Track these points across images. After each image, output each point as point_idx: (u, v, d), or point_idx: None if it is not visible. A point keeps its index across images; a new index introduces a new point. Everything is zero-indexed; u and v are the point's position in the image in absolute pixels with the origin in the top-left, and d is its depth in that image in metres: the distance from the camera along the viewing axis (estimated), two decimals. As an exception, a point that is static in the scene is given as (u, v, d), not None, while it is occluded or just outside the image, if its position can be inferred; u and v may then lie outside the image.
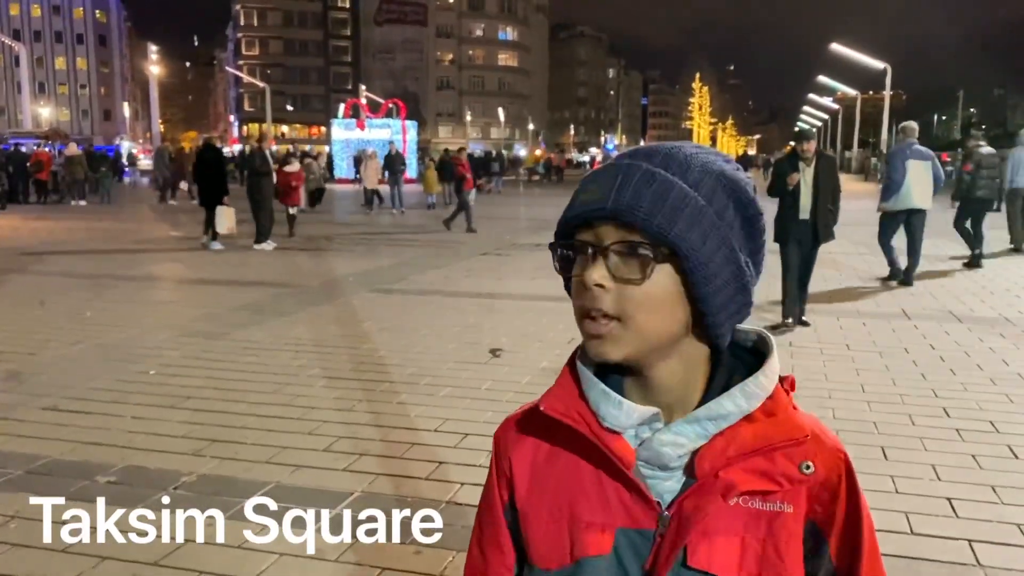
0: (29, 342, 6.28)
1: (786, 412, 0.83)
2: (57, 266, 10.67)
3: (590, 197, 0.81)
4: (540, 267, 10.81)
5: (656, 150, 0.84)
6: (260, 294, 8.64)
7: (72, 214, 19.82)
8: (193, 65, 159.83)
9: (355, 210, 21.44)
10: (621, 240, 0.79)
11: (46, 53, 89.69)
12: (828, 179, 6.72)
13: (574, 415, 0.85)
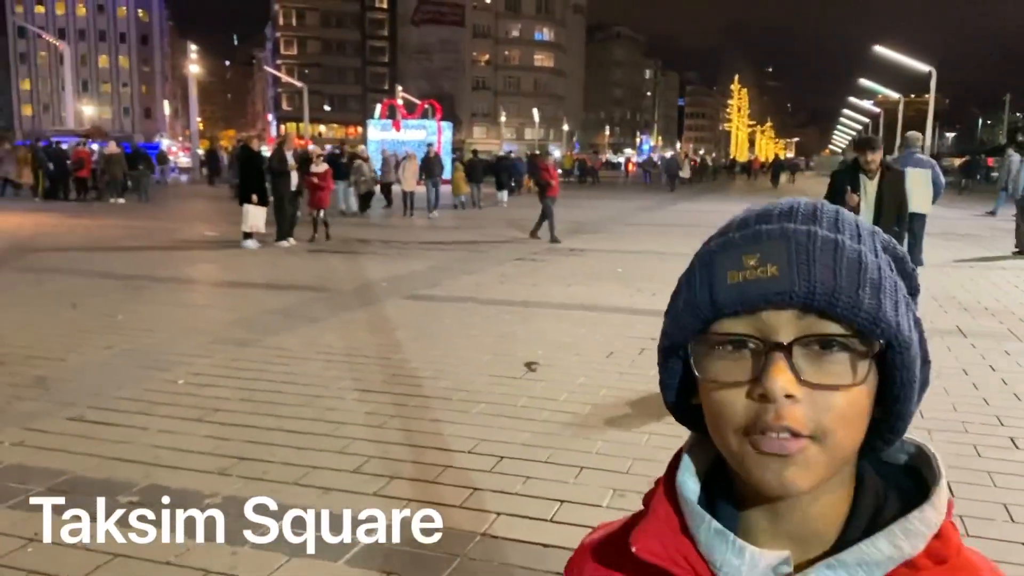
0: (59, 346, 6.21)
1: (960, 557, 0.63)
2: (92, 265, 10.67)
3: (755, 275, 0.61)
4: (575, 273, 10.61)
5: (796, 207, 0.65)
6: (293, 298, 8.54)
7: (110, 212, 19.99)
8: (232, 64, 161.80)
9: (388, 212, 21.37)
10: (816, 334, 0.60)
11: (90, 52, 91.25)
12: (894, 196, 5.91)
13: (680, 561, 0.65)
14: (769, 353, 0.60)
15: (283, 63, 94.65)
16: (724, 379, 0.62)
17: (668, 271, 10.92)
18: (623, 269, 11.04)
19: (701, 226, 15.49)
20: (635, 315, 7.79)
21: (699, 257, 0.67)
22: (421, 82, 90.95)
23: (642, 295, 8.91)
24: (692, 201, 27.45)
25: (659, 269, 10.99)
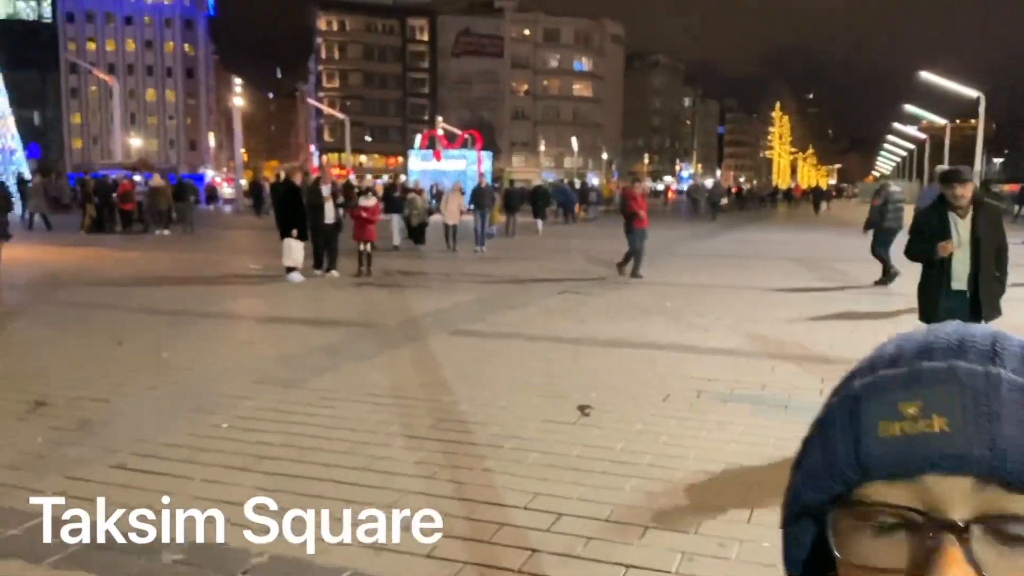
0: (104, 386, 6.14)
1: None
2: (138, 300, 10.70)
3: (916, 429, 0.45)
4: (622, 307, 10.37)
5: (968, 340, 0.49)
6: (337, 334, 8.42)
7: (156, 244, 20.25)
8: (276, 96, 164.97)
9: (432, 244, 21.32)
10: (1004, 514, 0.44)
11: (138, 86, 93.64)
12: (992, 236, 5.03)
13: None
14: (937, 535, 0.45)
15: (325, 95, 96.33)
16: (874, 564, 0.47)
17: (717, 304, 10.70)
18: (671, 303, 10.78)
19: (747, 257, 15.21)
20: (688, 353, 7.52)
21: (839, 400, 0.51)
22: (461, 112, 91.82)
23: (694, 331, 8.64)
24: (735, 230, 27.06)
25: (708, 302, 10.71)
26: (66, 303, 10.49)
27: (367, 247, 13.92)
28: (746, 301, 10.97)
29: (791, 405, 5.71)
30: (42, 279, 13.07)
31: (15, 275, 13.64)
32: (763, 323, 9.23)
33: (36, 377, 6.41)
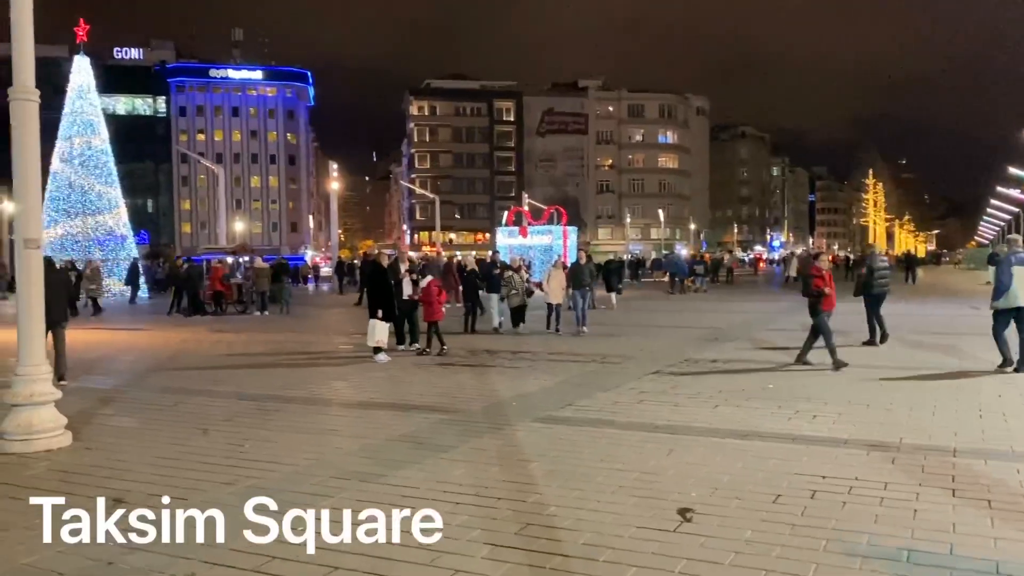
0: (183, 483, 5.98)
1: None
2: (229, 384, 10.73)
3: None
4: (720, 390, 9.77)
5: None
6: (420, 421, 8.14)
7: (253, 325, 20.67)
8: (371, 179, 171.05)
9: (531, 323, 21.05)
10: None
11: (243, 173, 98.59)
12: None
13: None
14: None
15: (417, 176, 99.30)
16: None
17: (823, 385, 9.97)
18: (773, 384, 10.12)
19: (851, 333, 14.30)
20: (798, 444, 6.91)
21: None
22: (546, 188, 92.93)
23: (801, 418, 7.99)
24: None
25: (814, 385, 10.00)
26: (159, 388, 10.61)
27: (433, 327, 13.83)
28: (854, 381, 10.20)
29: (920, 508, 5.07)
30: (140, 362, 13.37)
31: (116, 358, 14.03)
32: (876, 408, 8.49)
33: (119, 471, 6.33)
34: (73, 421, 7.73)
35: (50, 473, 6.27)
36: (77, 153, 33.82)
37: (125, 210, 35.69)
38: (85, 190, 33.72)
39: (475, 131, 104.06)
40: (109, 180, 34.53)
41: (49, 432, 7.00)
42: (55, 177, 33.82)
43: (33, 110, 6.99)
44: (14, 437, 6.84)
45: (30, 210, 6.98)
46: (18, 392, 6.94)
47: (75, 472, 6.28)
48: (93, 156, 34.09)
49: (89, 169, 33.92)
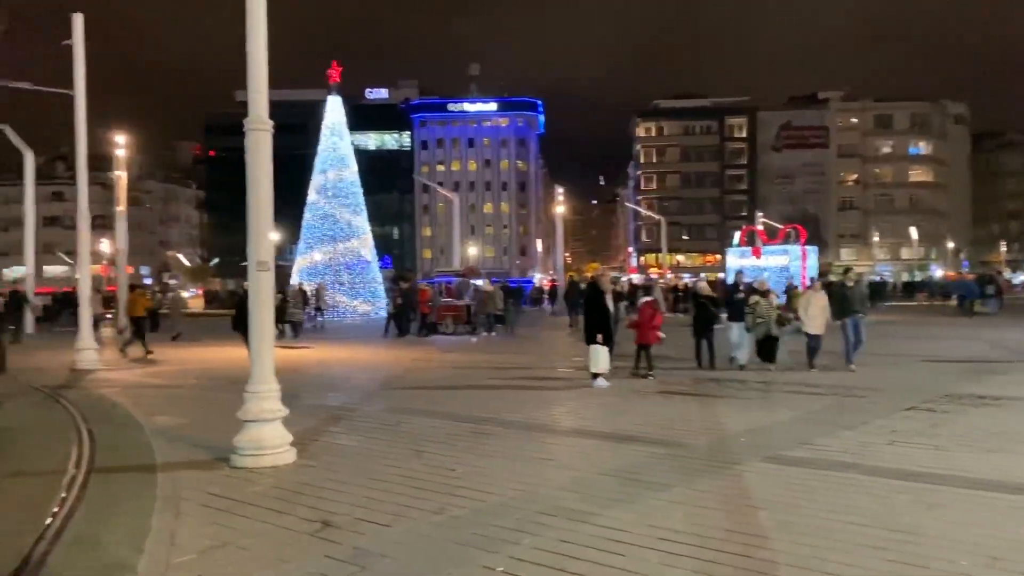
0: (391, 507, 5.88)
1: None
2: (448, 406, 10.81)
3: None
4: (992, 433, 8.33)
5: None
6: (636, 455, 7.59)
7: (479, 347, 21.12)
8: (598, 202, 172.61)
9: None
10: None
11: (477, 200, 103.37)
12: None
13: None
14: None
15: (643, 198, 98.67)
16: None
17: None
18: (1062, 430, 8.47)
19: None
20: (1101, 508, 5.57)
21: None
22: (782, 207, 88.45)
23: (1104, 474, 6.51)
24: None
25: (1120, 432, 8.23)
26: (384, 407, 10.90)
27: (644, 350, 13.12)
28: None
29: None
30: (372, 381, 13.94)
31: (351, 376, 14.77)
32: None
33: (334, 491, 6.38)
34: (301, 438, 8.03)
35: (271, 490, 6.45)
36: (330, 185, 36.92)
37: (371, 237, 38.38)
38: (336, 219, 36.68)
39: (704, 150, 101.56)
40: (357, 210, 37.35)
41: (276, 448, 7.27)
42: (311, 207, 37.16)
43: (266, 139, 7.37)
44: (245, 452, 7.16)
45: (261, 234, 7.34)
46: (249, 409, 7.28)
47: (293, 491, 6.41)
48: (344, 188, 37.05)
49: (340, 200, 36.88)
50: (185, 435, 8.81)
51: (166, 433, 8.98)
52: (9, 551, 4.94)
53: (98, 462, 7.59)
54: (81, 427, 9.39)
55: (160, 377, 14.84)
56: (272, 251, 7.59)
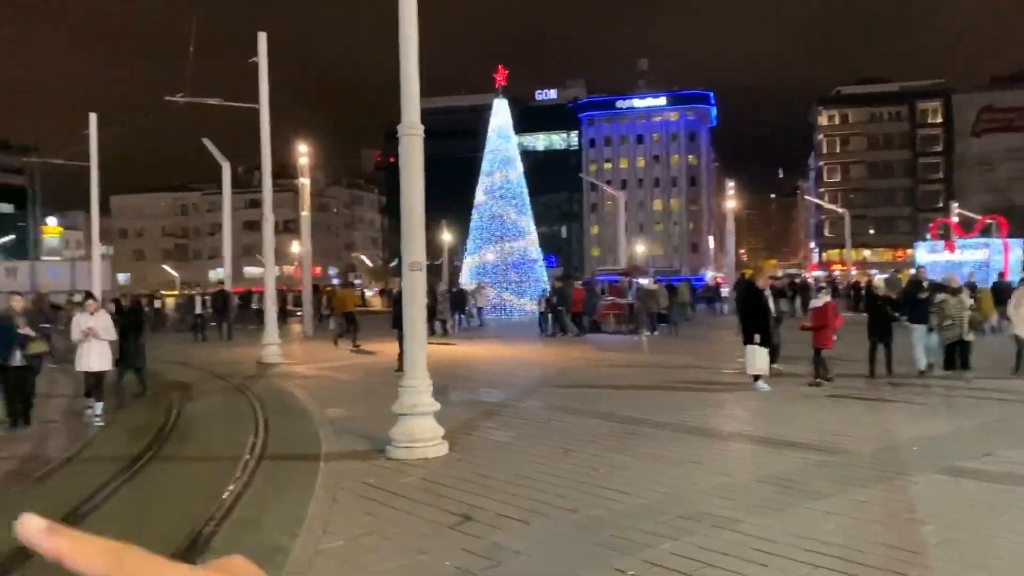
0: (531, 504, 5.93)
1: None
2: (602, 405, 10.73)
3: None
4: None
5: None
6: (792, 461, 7.21)
7: (639, 346, 20.84)
8: (777, 196, 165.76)
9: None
10: None
11: (645, 197, 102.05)
12: None
13: None
14: None
15: (825, 190, 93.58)
16: None
17: None
18: None
19: None
20: None
21: None
22: (983, 196, 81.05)
23: None
24: None
25: None
26: (538, 404, 11.00)
27: (819, 354, 12.30)
28: None
29: None
30: (529, 378, 14.12)
31: (512, 372, 15.03)
32: None
33: (479, 486, 6.51)
34: (454, 432, 8.26)
35: (420, 482, 6.68)
36: (497, 186, 37.77)
37: (536, 236, 38.88)
38: (503, 219, 37.46)
39: (893, 137, 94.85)
40: (523, 209, 37.96)
41: (428, 441, 7.52)
42: (479, 209, 38.18)
43: (417, 143, 7.64)
44: (399, 444, 7.46)
45: (413, 235, 7.62)
46: (403, 403, 7.57)
47: (441, 483, 6.60)
48: (510, 188, 37.78)
49: (507, 200, 37.64)
50: (350, 426, 9.30)
51: (333, 424, 9.52)
52: (183, 529, 5.42)
53: (270, 450, 8.17)
54: (259, 417, 10.14)
55: (335, 371, 15.75)
56: (424, 252, 7.85)
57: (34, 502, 6.62)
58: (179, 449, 8.57)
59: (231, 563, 0.39)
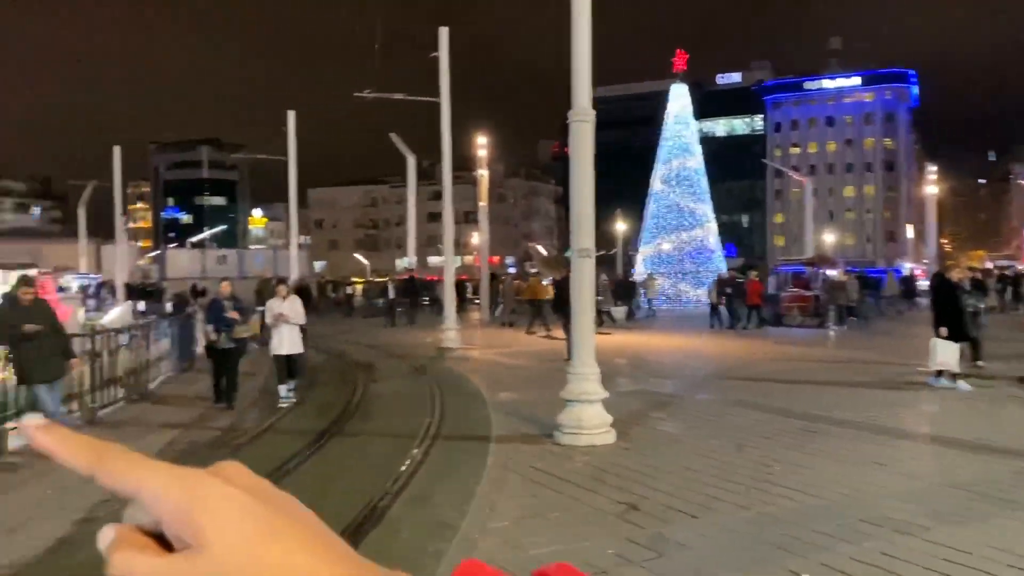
0: (700, 498, 5.78)
1: None
2: (779, 400, 10.25)
3: None
4: None
5: None
6: (995, 468, 6.57)
7: (823, 340, 19.76)
8: (988, 182, 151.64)
9: None
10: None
11: (836, 183, 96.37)
12: None
13: None
14: None
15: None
16: None
17: None
18: None
19: None
20: None
21: None
22: None
23: None
24: None
25: None
26: (710, 397, 10.70)
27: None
28: None
29: None
30: (701, 370, 13.75)
31: (684, 364, 14.71)
32: None
33: (646, 476, 6.43)
34: (623, 421, 8.19)
35: (586, 468, 6.69)
36: (674, 174, 37.02)
37: (715, 225, 37.79)
38: (680, 208, 36.68)
39: None
40: (702, 198, 37.00)
41: (595, 429, 7.51)
42: (655, 197, 37.57)
43: (587, 130, 7.62)
44: (566, 430, 7.50)
45: (582, 222, 7.62)
46: (571, 389, 7.60)
47: (607, 471, 6.57)
48: (688, 176, 36.91)
49: (684, 188, 36.82)
50: (521, 411, 9.46)
51: (505, 408, 9.73)
52: (360, 500, 5.73)
53: (444, 431, 8.47)
54: (436, 399, 10.54)
55: (508, 357, 16.08)
56: (592, 239, 7.83)
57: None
58: (361, 426, 9.08)
59: (224, 467, 0.40)
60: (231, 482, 0.38)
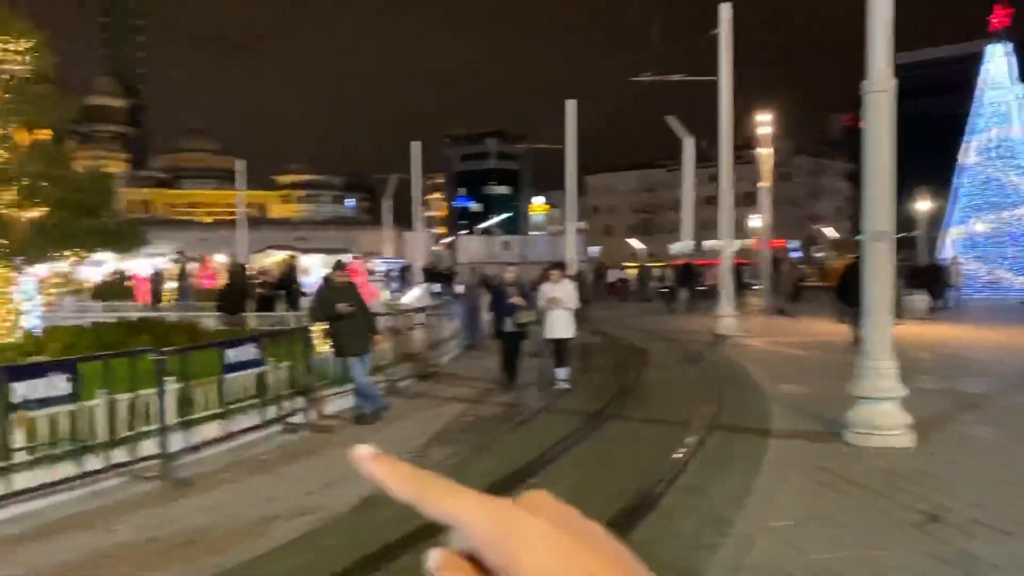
0: (1015, 512, 5.05)
1: None
2: None
3: None
4: None
5: None
6: None
7: None
8: None
9: None
10: None
11: None
12: None
13: None
14: None
15: None
16: None
17: None
18: None
19: None
20: None
21: None
22: None
23: None
24: None
25: None
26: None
27: None
28: None
29: None
30: (1013, 366, 12.04)
31: (997, 361, 13.00)
32: None
33: (950, 483, 5.77)
34: (924, 423, 7.40)
35: (879, 472, 6.13)
36: (993, 146, 32.70)
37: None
38: (1000, 183, 32.34)
39: None
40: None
41: (889, 430, 6.85)
42: (967, 172, 33.46)
43: (885, 101, 6.92)
44: (856, 429, 6.93)
45: (879, 202, 6.95)
46: (863, 385, 7.01)
47: (904, 476, 5.98)
48: (1010, 147, 32.42)
49: (1004, 161, 32.40)
50: (803, 404, 8.91)
51: (786, 400, 9.23)
52: (633, 485, 5.74)
53: (720, 420, 8.22)
54: (712, 387, 10.27)
55: (790, 346, 15.23)
56: (890, 221, 7.12)
57: (514, 444, 7.62)
58: (635, 411, 9.09)
59: (531, 497, 0.42)
60: (538, 513, 0.40)
